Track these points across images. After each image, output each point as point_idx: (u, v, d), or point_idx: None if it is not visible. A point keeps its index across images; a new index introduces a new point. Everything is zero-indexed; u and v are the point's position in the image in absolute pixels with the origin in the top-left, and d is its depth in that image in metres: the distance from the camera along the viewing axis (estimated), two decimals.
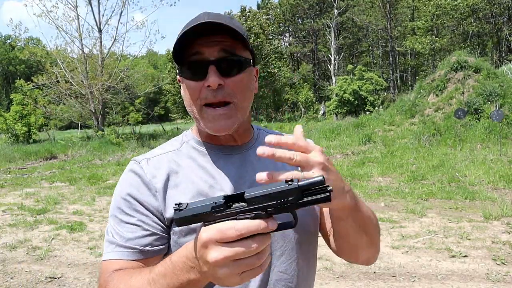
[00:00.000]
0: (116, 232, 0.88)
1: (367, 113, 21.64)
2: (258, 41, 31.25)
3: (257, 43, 31.03)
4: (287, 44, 46.46)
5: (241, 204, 0.63)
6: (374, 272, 3.96)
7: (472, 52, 20.56)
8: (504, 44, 33.30)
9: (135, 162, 0.94)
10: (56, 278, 4.16)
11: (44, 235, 5.57)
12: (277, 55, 37.63)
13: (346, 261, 1.00)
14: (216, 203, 0.63)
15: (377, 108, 21.81)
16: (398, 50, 38.15)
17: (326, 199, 0.62)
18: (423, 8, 33.32)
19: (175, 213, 0.66)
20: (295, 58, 47.13)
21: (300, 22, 45.42)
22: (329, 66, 38.43)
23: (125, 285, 0.77)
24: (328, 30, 38.87)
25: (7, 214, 6.78)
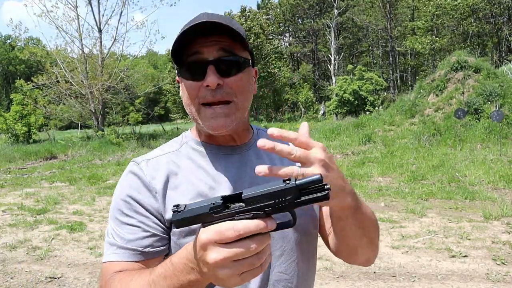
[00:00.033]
0: (117, 234, 0.88)
1: (367, 113, 21.63)
2: (258, 41, 31.24)
3: (257, 43, 31.02)
4: (287, 44, 46.47)
5: (239, 205, 0.62)
6: (374, 272, 3.96)
7: (472, 52, 20.54)
8: (504, 44, 33.29)
9: (135, 164, 0.94)
10: (56, 278, 4.16)
11: (44, 235, 5.57)
12: (277, 55, 37.66)
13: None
14: (214, 204, 0.63)
15: (377, 108, 21.80)
16: (398, 50, 38.15)
17: (325, 198, 0.61)
18: (423, 8, 33.31)
19: (173, 215, 0.65)
20: (295, 58, 47.13)
21: (300, 22, 45.43)
22: (329, 66, 38.43)
23: (126, 287, 0.77)
24: (328, 30, 38.87)
25: (7, 214, 6.78)
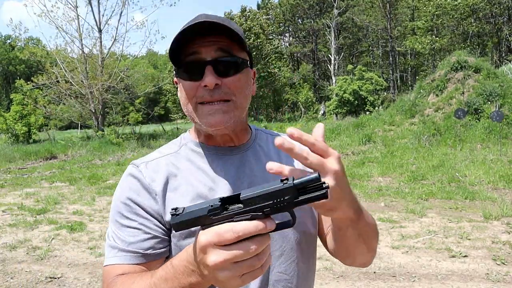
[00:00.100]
0: (118, 237, 0.88)
1: (367, 113, 21.63)
2: (258, 41, 31.24)
3: (257, 43, 31.03)
4: (287, 44, 46.47)
5: (238, 206, 0.62)
6: (374, 272, 3.96)
7: (472, 52, 20.54)
8: (504, 44, 33.29)
9: (134, 166, 0.94)
10: (56, 278, 4.15)
11: (44, 235, 5.56)
12: (277, 55, 37.68)
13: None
14: (213, 206, 0.62)
15: (377, 108, 21.80)
16: (398, 50, 38.15)
17: (323, 196, 0.60)
18: (423, 8, 33.31)
19: (172, 218, 0.65)
20: (295, 58, 47.13)
21: (300, 22, 45.43)
22: (329, 66, 38.44)
23: None
24: (328, 30, 38.87)
25: (7, 214, 6.77)
